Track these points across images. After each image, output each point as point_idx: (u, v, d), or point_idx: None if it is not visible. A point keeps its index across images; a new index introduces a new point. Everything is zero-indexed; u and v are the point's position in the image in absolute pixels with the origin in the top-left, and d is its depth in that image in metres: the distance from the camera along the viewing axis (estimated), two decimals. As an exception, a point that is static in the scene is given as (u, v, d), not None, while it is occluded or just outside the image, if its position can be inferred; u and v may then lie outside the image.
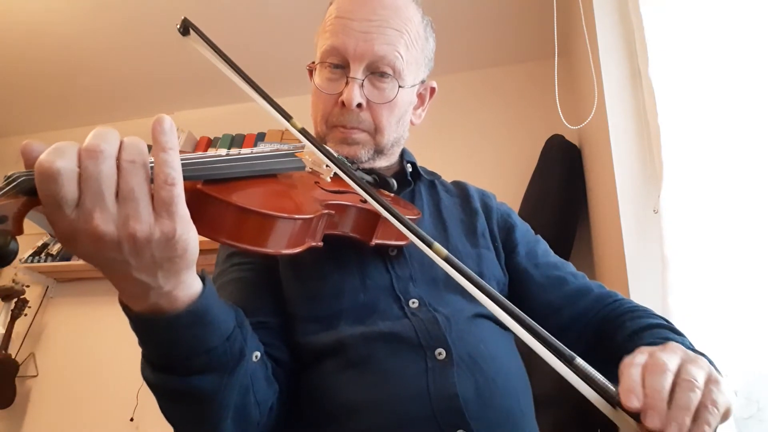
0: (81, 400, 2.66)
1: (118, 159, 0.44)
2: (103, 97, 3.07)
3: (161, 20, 2.41)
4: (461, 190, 1.01)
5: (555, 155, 2.28)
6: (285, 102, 0.72)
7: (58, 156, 0.42)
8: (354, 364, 0.72)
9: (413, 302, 0.77)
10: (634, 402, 0.46)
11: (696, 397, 0.48)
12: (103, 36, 2.60)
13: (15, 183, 0.42)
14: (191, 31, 0.83)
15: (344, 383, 0.71)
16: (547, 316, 0.84)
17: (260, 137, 2.81)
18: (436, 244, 0.55)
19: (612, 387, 0.48)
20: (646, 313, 0.81)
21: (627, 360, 0.51)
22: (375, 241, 0.76)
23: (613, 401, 0.47)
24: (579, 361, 0.49)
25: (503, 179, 2.40)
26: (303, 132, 0.73)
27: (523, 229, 0.97)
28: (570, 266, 0.93)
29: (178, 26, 0.84)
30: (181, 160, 0.48)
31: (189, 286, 0.52)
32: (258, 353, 0.66)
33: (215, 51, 0.78)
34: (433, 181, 1.01)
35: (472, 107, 2.69)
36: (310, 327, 0.76)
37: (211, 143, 2.91)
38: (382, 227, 0.76)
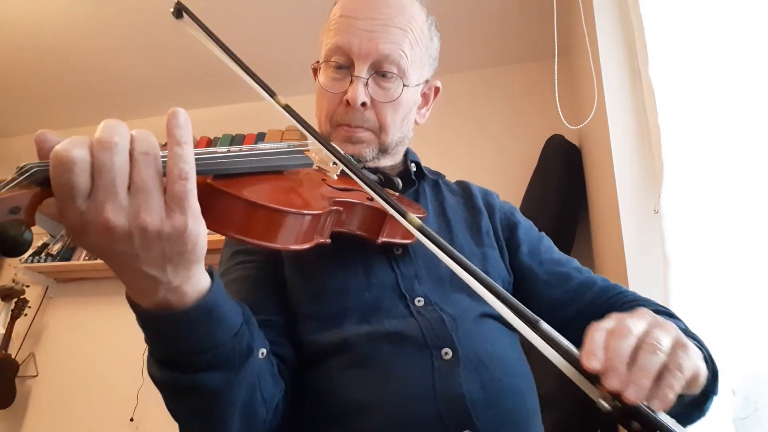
0: (81, 400, 2.66)
1: (132, 151, 0.44)
2: (103, 97, 3.07)
3: (162, 21, 2.41)
4: (464, 189, 1.00)
5: (555, 155, 2.28)
6: (289, 102, 0.72)
7: (75, 146, 0.42)
8: (359, 363, 0.71)
9: (419, 300, 0.77)
10: (594, 363, 0.46)
11: (658, 359, 0.47)
12: (104, 36, 2.60)
13: (29, 173, 0.43)
14: (184, 14, 0.83)
15: (349, 382, 0.71)
16: (553, 312, 0.84)
17: (260, 137, 2.82)
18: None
19: (576, 350, 0.48)
20: (648, 302, 0.81)
21: (594, 325, 0.51)
22: (381, 239, 0.76)
23: (576, 364, 0.47)
24: (543, 324, 0.49)
25: (503, 179, 2.41)
26: (287, 108, 0.72)
27: (527, 227, 0.96)
28: (574, 261, 0.93)
29: (172, 9, 0.84)
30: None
31: (198, 281, 0.52)
32: (264, 350, 0.65)
33: (207, 33, 0.78)
34: (437, 181, 1.01)
35: (472, 107, 2.69)
36: (314, 325, 0.76)
37: (211, 143, 2.91)
38: (389, 225, 0.76)
